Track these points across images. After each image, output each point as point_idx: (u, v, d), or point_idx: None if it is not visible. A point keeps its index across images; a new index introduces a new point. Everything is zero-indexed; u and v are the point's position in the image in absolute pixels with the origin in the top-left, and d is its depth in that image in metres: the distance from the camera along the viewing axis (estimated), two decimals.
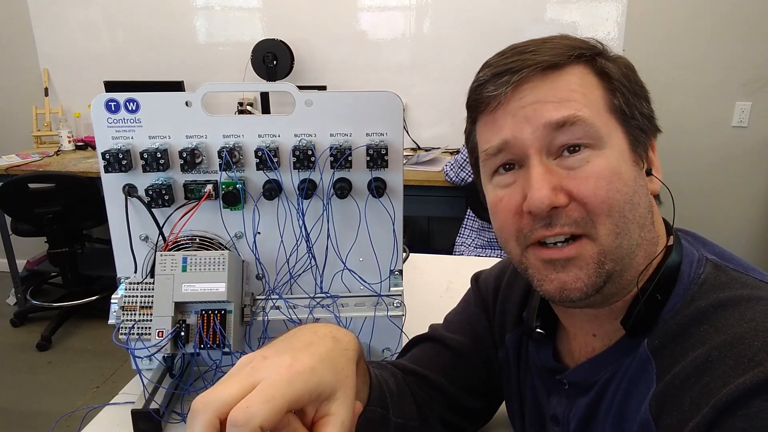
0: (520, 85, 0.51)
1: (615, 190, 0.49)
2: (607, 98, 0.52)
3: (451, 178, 2.52)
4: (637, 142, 0.53)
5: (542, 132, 0.50)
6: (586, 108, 0.50)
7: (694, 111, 2.87)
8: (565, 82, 0.51)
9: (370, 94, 0.82)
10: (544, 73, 0.51)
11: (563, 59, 0.51)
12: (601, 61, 0.53)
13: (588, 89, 0.51)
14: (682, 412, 0.44)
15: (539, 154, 0.51)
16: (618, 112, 0.52)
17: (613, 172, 0.49)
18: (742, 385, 0.41)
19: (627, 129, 0.52)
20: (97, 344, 2.85)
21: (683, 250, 0.54)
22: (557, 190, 0.49)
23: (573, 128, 0.49)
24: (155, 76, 3.28)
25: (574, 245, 0.50)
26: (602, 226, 0.49)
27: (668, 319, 0.50)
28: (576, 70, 0.52)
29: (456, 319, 0.78)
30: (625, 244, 0.50)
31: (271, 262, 0.89)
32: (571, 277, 0.50)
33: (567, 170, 0.50)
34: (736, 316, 0.46)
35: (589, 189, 0.49)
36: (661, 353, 0.49)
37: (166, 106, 0.83)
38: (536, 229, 0.51)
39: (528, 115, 0.51)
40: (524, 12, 2.91)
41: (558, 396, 0.61)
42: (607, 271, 0.50)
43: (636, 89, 0.54)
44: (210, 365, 0.92)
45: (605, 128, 0.51)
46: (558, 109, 0.50)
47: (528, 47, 0.53)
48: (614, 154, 0.50)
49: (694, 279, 0.51)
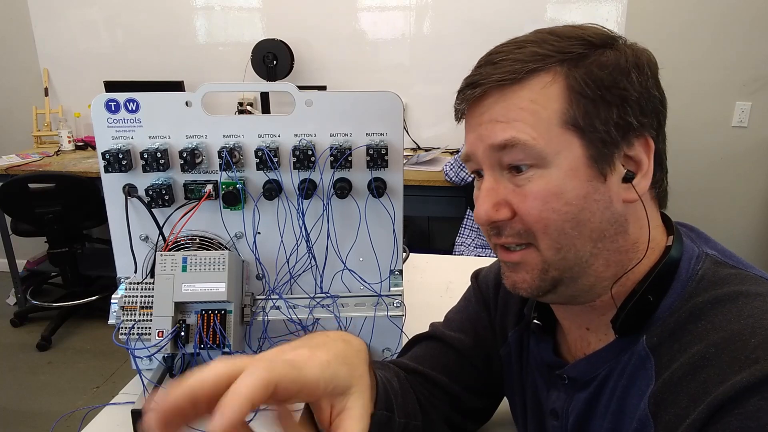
0: (482, 100, 0.53)
1: (551, 211, 0.50)
2: (565, 110, 0.50)
3: (451, 177, 2.52)
4: (600, 155, 0.50)
5: (490, 152, 0.53)
6: (530, 128, 0.50)
7: (694, 111, 2.87)
8: (518, 99, 0.51)
9: (370, 94, 0.82)
10: (502, 88, 0.52)
11: (520, 74, 0.51)
12: (565, 69, 0.50)
13: (542, 104, 0.50)
14: (679, 408, 0.44)
15: (491, 169, 0.54)
16: (574, 126, 0.50)
17: (550, 192, 0.50)
18: (738, 383, 0.41)
19: (585, 142, 0.50)
20: (97, 344, 2.85)
21: (684, 246, 0.54)
22: (500, 205, 0.53)
23: (513, 150, 0.51)
24: (155, 76, 3.27)
25: (519, 252, 0.54)
26: (541, 241, 0.52)
27: (667, 316, 0.50)
28: (534, 82, 0.51)
29: (457, 318, 0.78)
30: (570, 257, 0.52)
31: (271, 262, 0.89)
32: (519, 278, 0.55)
33: (513, 186, 0.52)
34: (733, 313, 0.46)
35: (525, 208, 0.51)
36: (659, 350, 0.50)
37: (166, 106, 0.83)
38: (490, 236, 0.56)
39: (482, 134, 0.53)
40: (524, 12, 2.91)
41: (557, 391, 0.61)
42: (553, 277, 0.53)
43: (609, 95, 0.50)
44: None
45: (553, 147, 0.50)
46: (504, 130, 0.51)
47: (498, 56, 0.53)
48: (559, 174, 0.50)
49: (692, 275, 0.52)
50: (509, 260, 0.55)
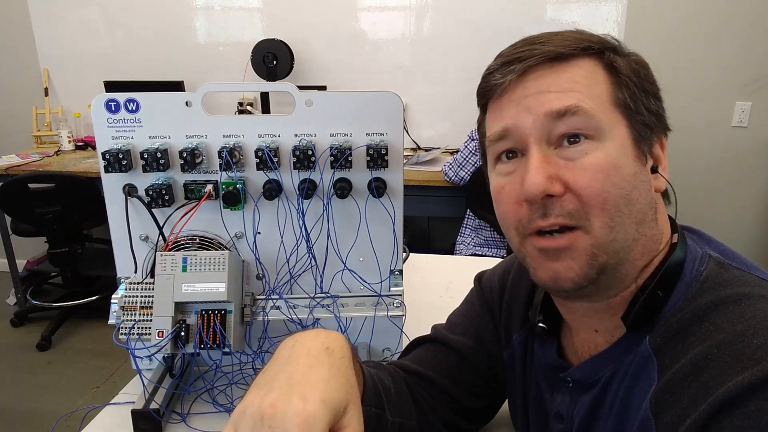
0: (526, 75, 0.52)
1: (611, 184, 0.49)
2: (613, 92, 0.52)
3: (450, 177, 2.52)
4: (642, 137, 0.52)
5: (542, 121, 0.51)
6: (588, 99, 0.51)
7: (694, 111, 2.87)
8: (570, 74, 0.52)
9: (370, 94, 0.82)
10: (551, 63, 0.52)
11: (570, 51, 0.52)
12: (610, 55, 0.53)
13: (593, 81, 0.52)
14: (680, 409, 0.44)
15: (539, 143, 0.51)
16: (623, 106, 0.52)
17: (611, 165, 0.49)
18: (740, 384, 0.41)
19: (631, 123, 0.52)
20: (97, 344, 2.85)
21: (688, 247, 0.54)
22: (553, 179, 0.50)
23: (573, 118, 0.50)
24: (155, 76, 3.27)
25: (567, 236, 0.50)
26: (596, 218, 0.49)
27: (669, 317, 0.50)
28: (583, 62, 0.52)
29: (459, 321, 0.78)
30: (620, 238, 0.50)
31: (271, 262, 0.89)
32: (564, 266, 0.51)
33: (566, 161, 0.50)
34: (736, 314, 0.46)
35: (585, 180, 0.49)
36: (662, 351, 0.49)
37: (166, 106, 0.83)
38: (533, 219, 0.52)
39: (530, 105, 0.52)
40: (524, 12, 2.91)
41: (561, 393, 0.61)
42: (600, 263, 0.50)
43: (645, 86, 0.54)
44: (210, 365, 0.92)
45: (607, 121, 0.51)
46: (560, 99, 0.50)
47: (539, 38, 0.54)
48: (614, 148, 0.50)
49: (697, 276, 0.52)
50: (554, 246, 0.51)
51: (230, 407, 0.86)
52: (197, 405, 0.88)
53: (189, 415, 0.85)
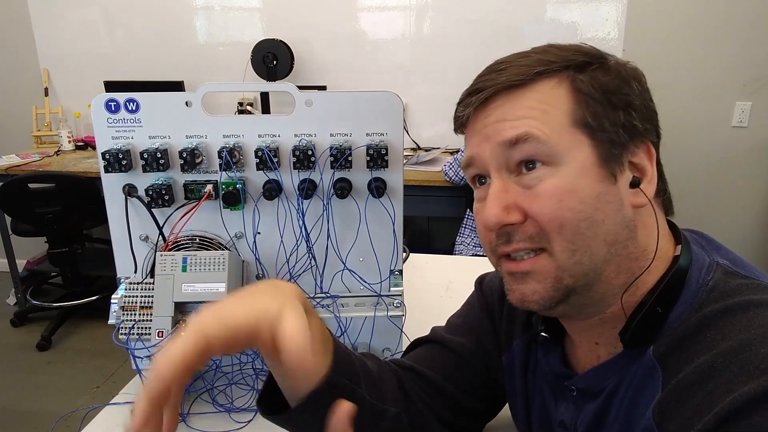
0: (486, 105, 0.53)
1: (566, 209, 0.49)
2: (573, 111, 0.51)
3: (451, 177, 2.52)
4: (609, 155, 0.51)
5: (498, 150, 0.52)
6: (542, 125, 0.50)
7: (694, 111, 2.87)
8: (526, 100, 0.52)
9: (370, 94, 0.82)
10: (508, 91, 0.52)
11: (525, 78, 0.52)
12: (570, 74, 0.52)
13: (551, 104, 0.51)
14: (684, 418, 0.43)
15: (498, 171, 0.53)
16: (584, 126, 0.51)
17: (565, 190, 0.49)
18: (746, 394, 0.40)
19: (595, 143, 0.51)
20: (97, 344, 2.85)
21: (693, 255, 0.53)
22: (510, 208, 0.51)
23: (525, 146, 0.50)
24: (155, 76, 3.28)
25: (531, 260, 0.52)
26: (555, 242, 0.50)
27: (675, 327, 0.49)
28: (541, 86, 0.52)
29: (459, 322, 0.77)
30: (585, 261, 0.50)
31: (271, 262, 0.89)
32: (529, 289, 0.53)
33: (523, 188, 0.51)
34: (743, 322, 0.45)
35: (539, 207, 0.50)
36: (667, 360, 0.49)
37: (166, 106, 0.83)
38: (498, 244, 0.54)
39: (488, 134, 0.53)
40: (524, 12, 2.91)
41: (566, 402, 0.61)
42: (566, 285, 0.51)
43: (614, 99, 0.51)
44: (210, 365, 0.92)
45: (564, 144, 0.50)
46: (514, 127, 0.51)
47: (501, 65, 0.54)
48: (571, 172, 0.50)
49: (703, 286, 0.51)
50: (518, 270, 0.53)
51: (230, 407, 0.86)
52: (197, 405, 0.88)
53: (189, 415, 0.85)
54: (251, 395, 0.88)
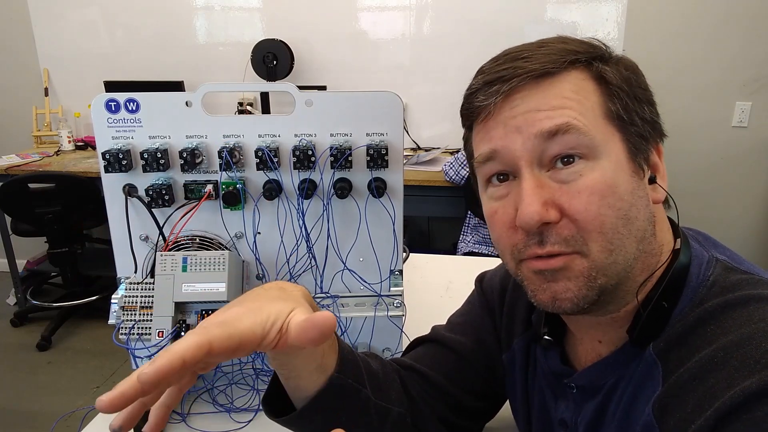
0: (512, 95, 0.50)
1: (608, 206, 0.47)
2: (605, 104, 0.49)
3: (451, 177, 2.52)
4: (637, 149, 0.50)
5: (533, 142, 0.48)
6: (581, 115, 0.48)
7: (694, 111, 2.87)
8: (559, 90, 0.49)
9: (370, 94, 0.82)
10: (537, 81, 0.49)
11: (557, 66, 0.49)
12: (598, 65, 0.50)
13: (583, 95, 0.49)
14: (685, 413, 0.43)
15: (531, 166, 0.49)
16: (616, 119, 0.49)
17: (607, 186, 0.47)
18: (747, 389, 0.40)
19: (625, 136, 0.49)
20: (97, 344, 2.85)
21: (692, 252, 0.53)
22: (548, 204, 0.48)
23: (566, 137, 0.47)
24: (155, 76, 3.28)
25: (563, 257, 0.49)
26: (594, 243, 0.47)
27: (675, 322, 0.49)
28: (571, 76, 0.50)
29: (459, 321, 0.77)
30: (620, 260, 0.48)
31: (271, 262, 0.89)
32: (562, 287, 0.49)
33: (559, 184, 0.48)
34: (744, 316, 0.45)
35: (581, 205, 0.47)
36: (667, 356, 0.48)
37: (166, 106, 0.83)
38: (529, 246, 0.50)
39: (519, 125, 0.49)
40: (524, 12, 2.91)
41: (566, 400, 0.61)
42: (600, 285, 0.49)
43: (638, 93, 0.51)
44: None
45: (601, 136, 0.48)
46: (551, 117, 0.48)
47: (522, 53, 0.51)
48: (610, 166, 0.48)
49: (703, 281, 0.50)
50: (549, 267, 0.49)
51: (230, 407, 0.86)
52: (197, 405, 0.88)
53: (189, 415, 0.85)
54: (251, 395, 0.88)
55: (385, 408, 0.63)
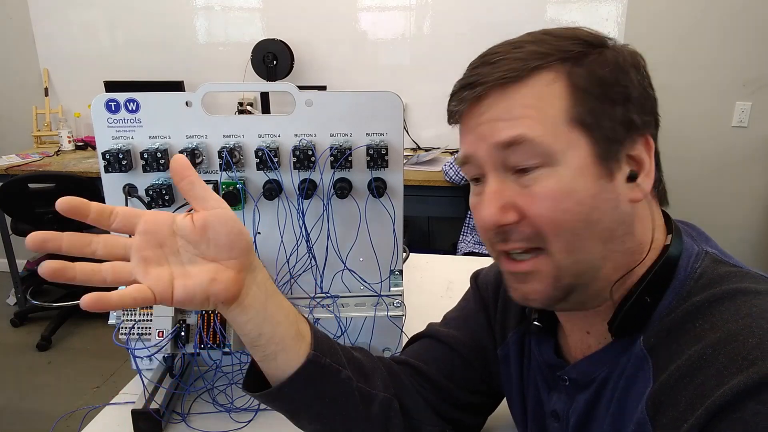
0: (480, 101, 0.52)
1: (563, 211, 0.49)
2: (570, 108, 0.49)
3: (451, 177, 2.52)
4: (607, 152, 0.49)
5: (493, 151, 0.51)
6: (539, 124, 0.49)
7: (694, 111, 2.87)
8: (522, 97, 0.50)
9: (370, 94, 0.82)
10: (503, 87, 0.50)
11: (521, 72, 0.50)
12: (568, 68, 0.50)
13: (547, 101, 0.49)
14: (677, 412, 0.44)
15: (495, 171, 0.52)
16: (581, 124, 0.49)
17: (562, 192, 0.49)
18: (735, 387, 0.40)
19: (592, 140, 0.49)
20: (97, 344, 2.85)
21: (683, 244, 0.53)
22: (507, 208, 0.50)
23: (520, 148, 0.49)
24: (155, 76, 3.27)
25: (530, 261, 0.52)
26: (553, 244, 0.50)
27: (664, 316, 0.50)
28: (537, 80, 0.50)
29: (453, 316, 0.79)
30: (582, 259, 0.50)
31: (272, 262, 0.89)
32: (530, 289, 0.53)
33: (520, 187, 0.50)
34: (731, 311, 0.46)
35: (536, 209, 0.49)
36: (657, 350, 0.49)
37: (166, 106, 0.83)
38: (496, 242, 0.53)
39: (483, 133, 0.52)
40: (524, 12, 2.91)
41: (558, 392, 0.61)
42: (566, 284, 0.51)
43: (612, 93, 0.50)
44: (210, 365, 0.92)
45: (561, 144, 0.49)
46: (509, 128, 0.49)
47: (495, 56, 0.52)
48: (568, 172, 0.49)
49: (691, 273, 0.51)
50: (518, 270, 0.53)
51: (230, 407, 0.86)
52: (197, 405, 0.88)
53: (189, 415, 0.85)
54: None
55: (368, 392, 0.64)
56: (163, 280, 0.47)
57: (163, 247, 0.48)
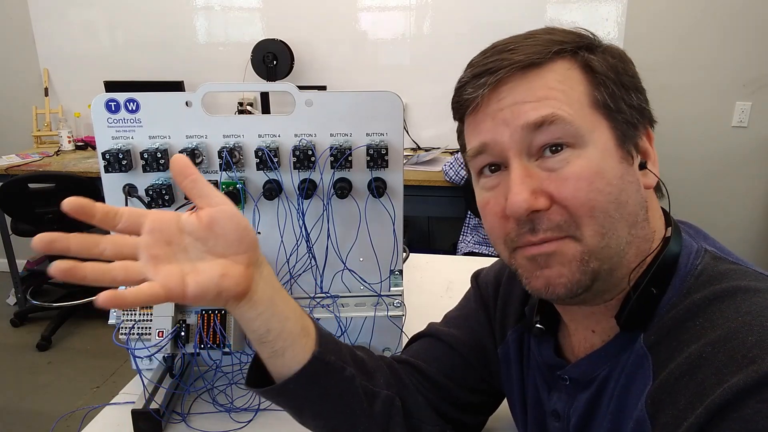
0: (499, 87, 0.51)
1: (597, 191, 0.48)
2: (591, 93, 0.50)
3: (451, 177, 2.52)
4: (626, 136, 0.51)
5: (520, 134, 0.50)
6: (566, 106, 0.49)
7: (694, 111, 2.87)
8: (545, 80, 0.50)
9: (370, 94, 0.82)
10: (523, 72, 0.50)
11: (542, 57, 0.50)
12: (584, 55, 0.51)
13: (569, 85, 0.50)
14: (677, 410, 0.44)
15: (519, 157, 0.50)
16: (603, 107, 0.50)
17: (594, 172, 0.48)
18: (735, 386, 0.40)
19: (613, 124, 0.50)
20: (97, 344, 2.85)
21: (682, 241, 0.54)
22: (537, 193, 0.49)
23: (552, 128, 0.49)
24: (155, 76, 3.27)
25: (555, 243, 0.50)
26: (586, 227, 0.49)
27: (664, 313, 0.50)
28: (557, 66, 0.51)
29: (454, 315, 0.79)
30: (612, 244, 0.49)
31: (272, 262, 0.89)
32: (555, 273, 0.50)
33: (548, 172, 0.49)
34: (731, 309, 0.46)
35: (569, 191, 0.48)
36: (657, 348, 0.49)
37: (166, 106, 0.83)
38: (522, 234, 0.51)
39: (506, 117, 0.50)
40: (524, 12, 2.91)
41: (558, 392, 0.61)
42: (593, 269, 0.49)
43: (624, 80, 0.52)
44: (210, 365, 0.92)
45: (587, 125, 0.49)
46: (536, 108, 0.49)
47: (508, 45, 0.52)
48: (597, 153, 0.49)
49: (691, 270, 0.51)
50: (541, 252, 0.50)
51: (230, 407, 0.86)
52: (197, 405, 0.88)
53: (189, 415, 0.85)
54: (251, 395, 0.88)
55: (372, 389, 0.65)
56: (175, 277, 0.47)
57: (171, 245, 0.48)
